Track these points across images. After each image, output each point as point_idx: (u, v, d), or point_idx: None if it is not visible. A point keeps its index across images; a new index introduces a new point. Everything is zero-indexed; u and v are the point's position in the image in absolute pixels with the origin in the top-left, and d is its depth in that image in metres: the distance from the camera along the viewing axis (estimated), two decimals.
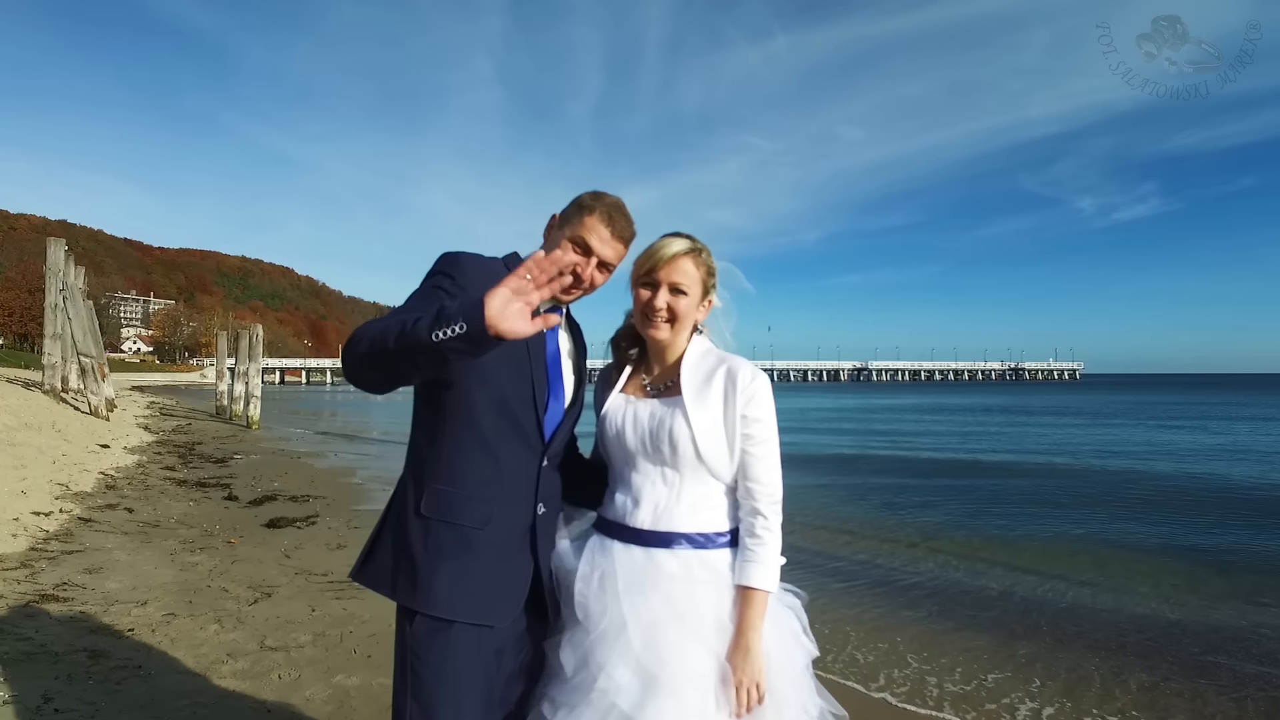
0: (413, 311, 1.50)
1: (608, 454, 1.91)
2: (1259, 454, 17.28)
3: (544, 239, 1.91)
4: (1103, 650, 5.01)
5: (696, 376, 1.82)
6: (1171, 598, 6.34)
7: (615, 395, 1.91)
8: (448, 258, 1.74)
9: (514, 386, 1.73)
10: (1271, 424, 28.62)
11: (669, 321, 1.81)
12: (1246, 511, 10.35)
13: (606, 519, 1.86)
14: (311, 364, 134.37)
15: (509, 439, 1.73)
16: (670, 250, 1.80)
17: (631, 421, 1.83)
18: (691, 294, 1.81)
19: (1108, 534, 8.94)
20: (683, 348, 1.87)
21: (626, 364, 1.97)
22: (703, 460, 1.76)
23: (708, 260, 1.86)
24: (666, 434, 1.76)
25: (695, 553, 1.75)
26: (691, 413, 1.76)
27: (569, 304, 1.89)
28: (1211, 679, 4.56)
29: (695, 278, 1.82)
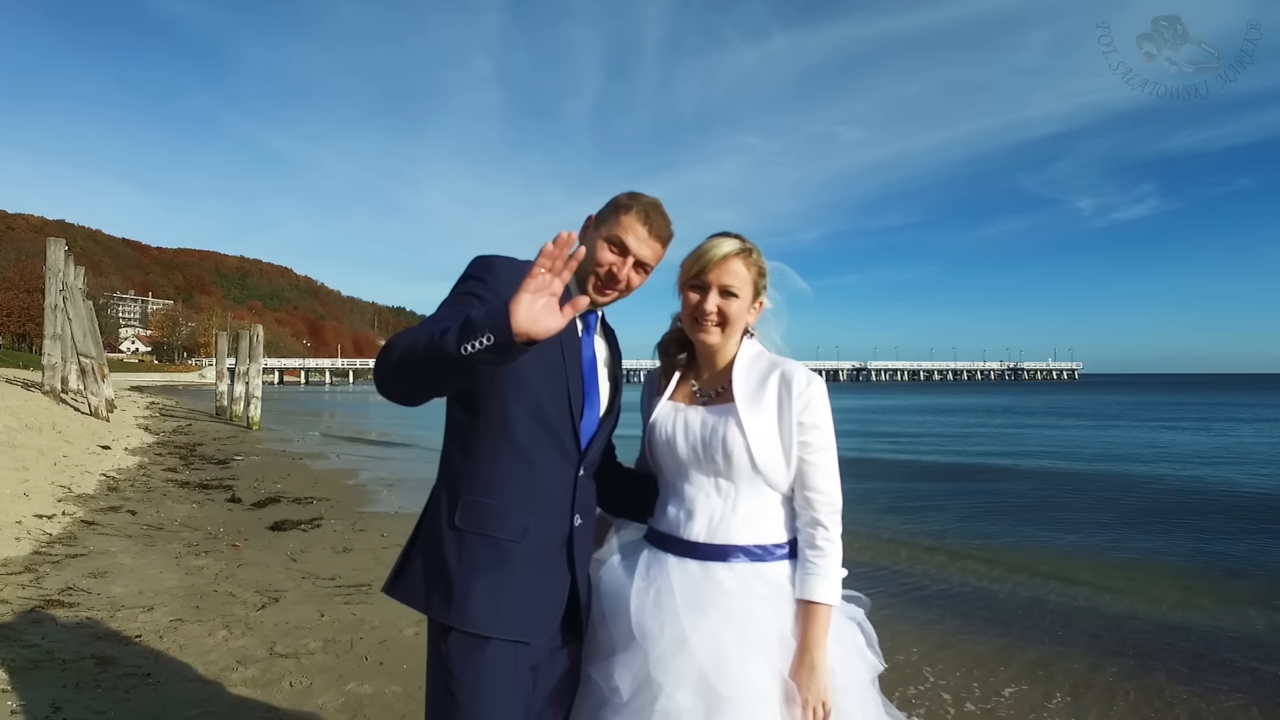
0: (443, 321, 1.45)
1: (657, 464, 1.84)
2: (1260, 459, 17.25)
3: (579, 241, 1.86)
4: (1121, 657, 4.96)
5: (749, 382, 1.76)
6: (1200, 608, 6.28)
7: (664, 403, 1.84)
8: (480, 261, 1.69)
9: (550, 393, 1.67)
10: (1273, 425, 28.59)
11: (719, 325, 1.75)
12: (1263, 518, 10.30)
13: (659, 531, 1.80)
14: (310, 364, 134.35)
15: (545, 448, 1.67)
16: (720, 251, 1.74)
17: (682, 430, 1.77)
18: (742, 296, 1.75)
19: (1127, 541, 8.88)
20: (733, 352, 1.81)
21: (675, 369, 1.90)
22: (758, 470, 1.70)
23: (758, 261, 1.79)
24: (719, 443, 1.70)
25: (753, 566, 1.69)
26: (745, 420, 1.70)
27: (605, 306, 1.83)
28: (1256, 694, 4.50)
29: (746, 279, 1.76)
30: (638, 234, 1.73)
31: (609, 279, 1.74)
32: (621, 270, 1.73)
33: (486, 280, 1.64)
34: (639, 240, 1.73)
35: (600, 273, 1.73)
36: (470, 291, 1.63)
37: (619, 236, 1.73)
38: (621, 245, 1.73)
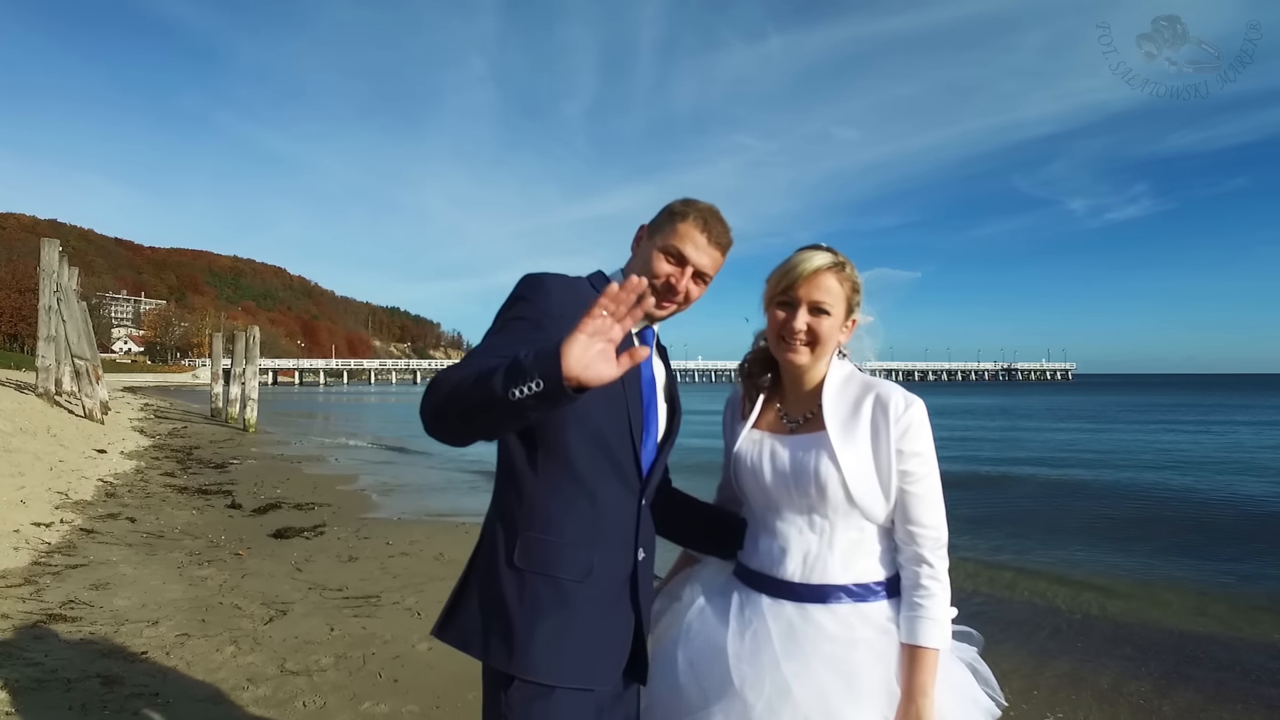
0: (491, 354, 1.36)
1: (744, 496, 1.72)
2: (1265, 466, 17.24)
3: (632, 251, 1.75)
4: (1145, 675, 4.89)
5: (841, 407, 1.62)
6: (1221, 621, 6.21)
7: (748, 430, 1.71)
8: (530, 281, 1.57)
9: (610, 421, 1.56)
10: (1272, 427, 28.66)
11: (808, 344, 1.62)
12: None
13: (750, 569, 1.68)
14: (304, 364, 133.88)
15: (607, 478, 1.57)
16: (810, 265, 1.61)
17: (769, 461, 1.64)
18: (834, 313, 1.61)
19: (1134, 553, 8.82)
20: (823, 373, 1.67)
21: (759, 393, 1.76)
22: (854, 503, 1.57)
23: (852, 275, 1.66)
24: (811, 476, 1.57)
25: (854, 607, 1.57)
26: (838, 450, 1.57)
27: (662, 320, 1.73)
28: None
29: (839, 295, 1.62)
30: (696, 242, 1.63)
31: (667, 291, 1.63)
32: (680, 281, 1.63)
33: (536, 302, 1.52)
34: (697, 248, 1.63)
35: (657, 285, 1.63)
36: (520, 315, 1.51)
37: (676, 246, 1.62)
38: (679, 255, 1.63)
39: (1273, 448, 19.85)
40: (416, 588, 5.77)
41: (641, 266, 1.66)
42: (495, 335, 1.51)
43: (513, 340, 1.42)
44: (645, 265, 1.65)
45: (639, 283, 1.20)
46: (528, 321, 1.49)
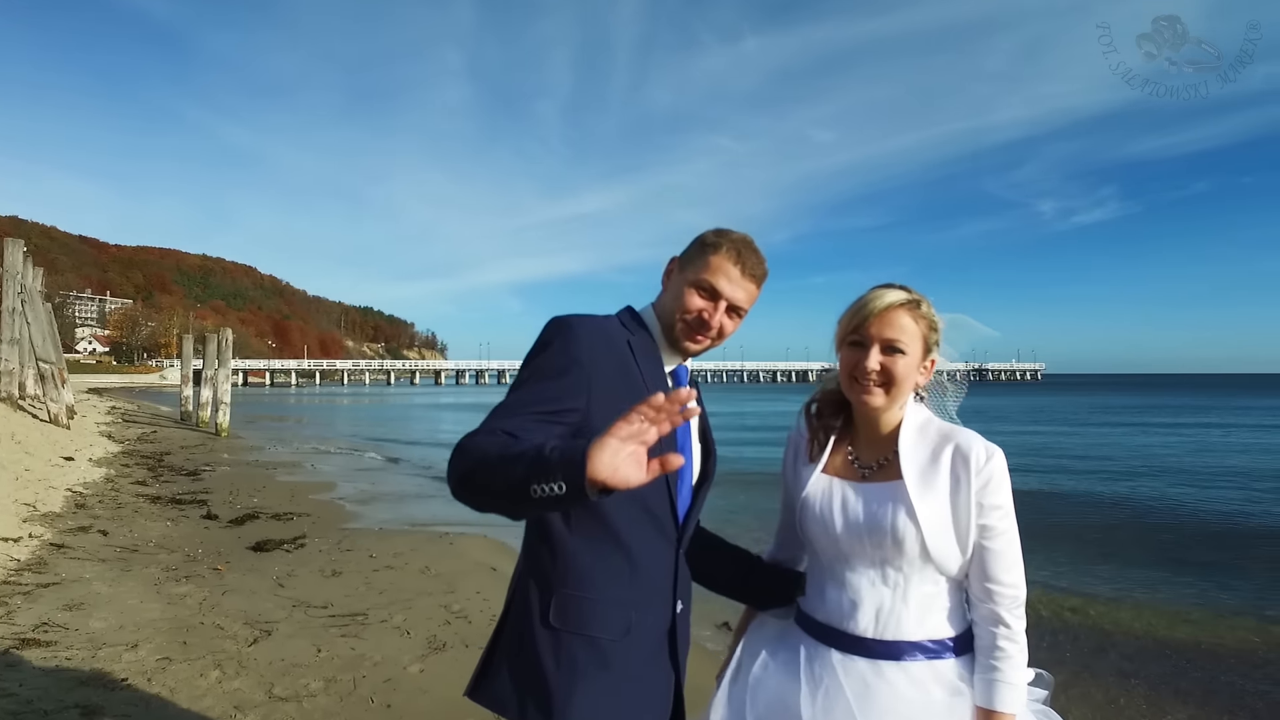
0: (521, 411, 1.34)
1: (811, 545, 1.65)
2: (1240, 473, 17.57)
3: (662, 285, 1.68)
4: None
5: (919, 455, 1.54)
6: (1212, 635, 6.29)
7: (817, 476, 1.62)
8: (557, 326, 1.49)
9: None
10: (1238, 429, 29.32)
11: (882, 385, 1.54)
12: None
13: (817, 621, 1.60)
14: (276, 365, 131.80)
15: (644, 530, 1.51)
16: (883, 302, 1.54)
17: (840, 510, 1.56)
18: (910, 353, 1.54)
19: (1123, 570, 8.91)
20: (898, 418, 1.59)
21: (828, 435, 1.67)
22: (930, 557, 1.50)
23: (929, 314, 1.58)
24: (888, 528, 1.50)
25: (928, 664, 1.50)
26: (916, 501, 1.49)
27: (696, 355, 1.66)
28: None
29: (914, 334, 1.55)
30: (729, 275, 1.57)
31: (700, 326, 1.57)
32: (714, 317, 1.57)
33: (565, 349, 1.45)
34: (731, 282, 1.57)
35: (690, 320, 1.57)
36: (548, 364, 1.44)
37: (709, 280, 1.56)
38: (712, 289, 1.57)
39: (1240, 450, 20.28)
40: (404, 604, 5.65)
41: (673, 300, 1.61)
42: (524, 389, 1.44)
43: (541, 395, 1.39)
44: (677, 299, 1.59)
45: (686, 394, 1.13)
46: (556, 372, 1.43)
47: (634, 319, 1.63)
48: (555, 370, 1.43)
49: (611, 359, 1.49)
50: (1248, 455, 18.79)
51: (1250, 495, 12.15)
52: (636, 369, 1.52)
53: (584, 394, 1.43)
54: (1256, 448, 20.49)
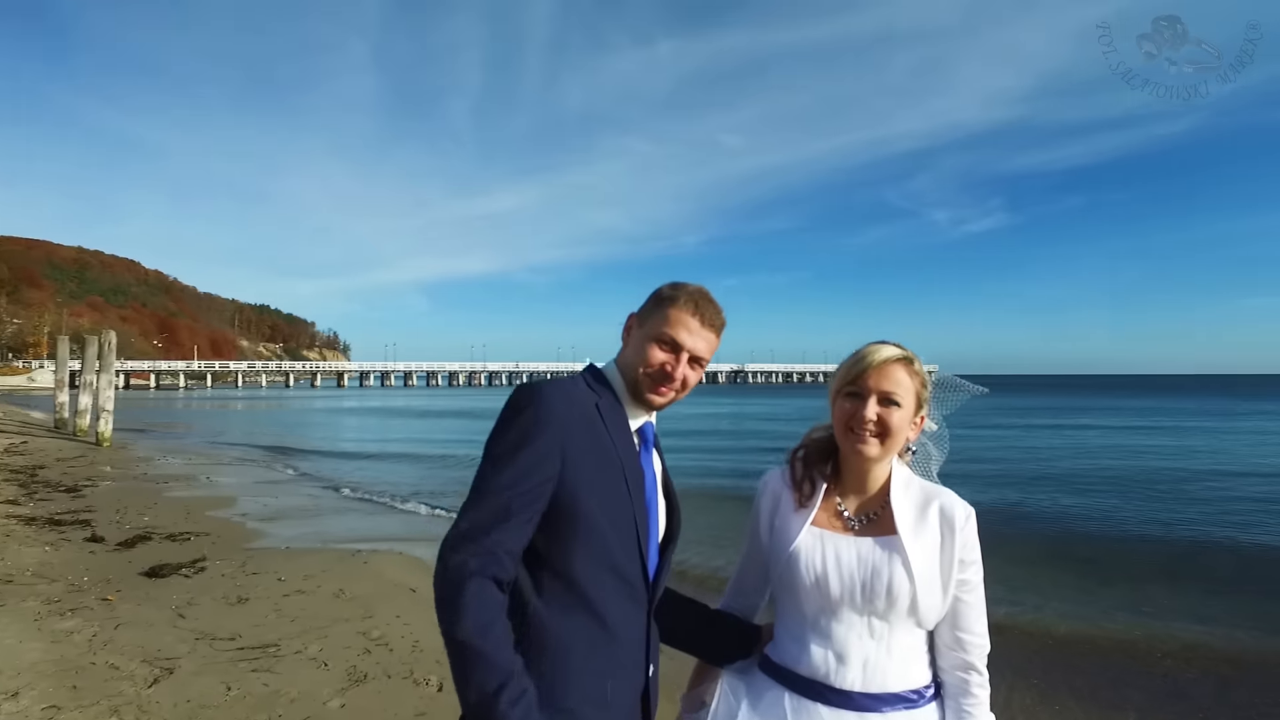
0: (502, 503, 1.41)
1: (795, 598, 1.63)
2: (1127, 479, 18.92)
3: (622, 341, 1.70)
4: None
5: (909, 510, 1.59)
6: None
7: (808, 529, 1.63)
8: (526, 397, 1.50)
9: (619, 540, 1.51)
10: (1117, 430, 31.66)
11: (878, 436, 1.58)
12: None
13: (798, 674, 1.60)
14: (162, 366, 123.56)
15: (616, 594, 1.51)
16: (881, 355, 1.59)
17: (834, 564, 1.57)
18: (904, 406, 1.59)
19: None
20: (886, 472, 1.64)
21: (813, 484, 1.68)
22: (917, 610, 1.54)
23: (921, 371, 1.64)
24: (884, 584, 1.53)
25: (907, 714, 1.55)
26: (912, 557, 1.53)
27: (660, 409, 1.67)
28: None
29: (908, 388, 1.60)
30: (689, 326, 1.59)
31: (663, 379, 1.59)
32: (677, 369, 1.59)
33: (536, 421, 1.47)
34: (691, 333, 1.59)
35: (653, 373, 1.59)
36: (521, 440, 1.46)
37: (669, 333, 1.58)
38: (673, 342, 1.58)
39: (1114, 448, 21.91)
40: (319, 632, 5.39)
41: (635, 356, 1.62)
42: (500, 467, 1.45)
43: (517, 475, 1.43)
44: (639, 354, 1.61)
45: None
46: (529, 444, 1.45)
47: (598, 379, 1.63)
48: (528, 442, 1.45)
49: (581, 424, 1.50)
50: (1119, 457, 20.31)
51: (1123, 501, 13.05)
52: (605, 432, 1.54)
53: (557, 462, 1.46)
54: (1126, 449, 22.14)
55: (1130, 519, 10.95)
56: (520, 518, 1.42)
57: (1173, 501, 12.22)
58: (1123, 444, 22.50)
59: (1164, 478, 14.84)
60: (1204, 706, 4.90)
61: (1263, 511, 11.15)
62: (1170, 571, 8.20)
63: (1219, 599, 7.19)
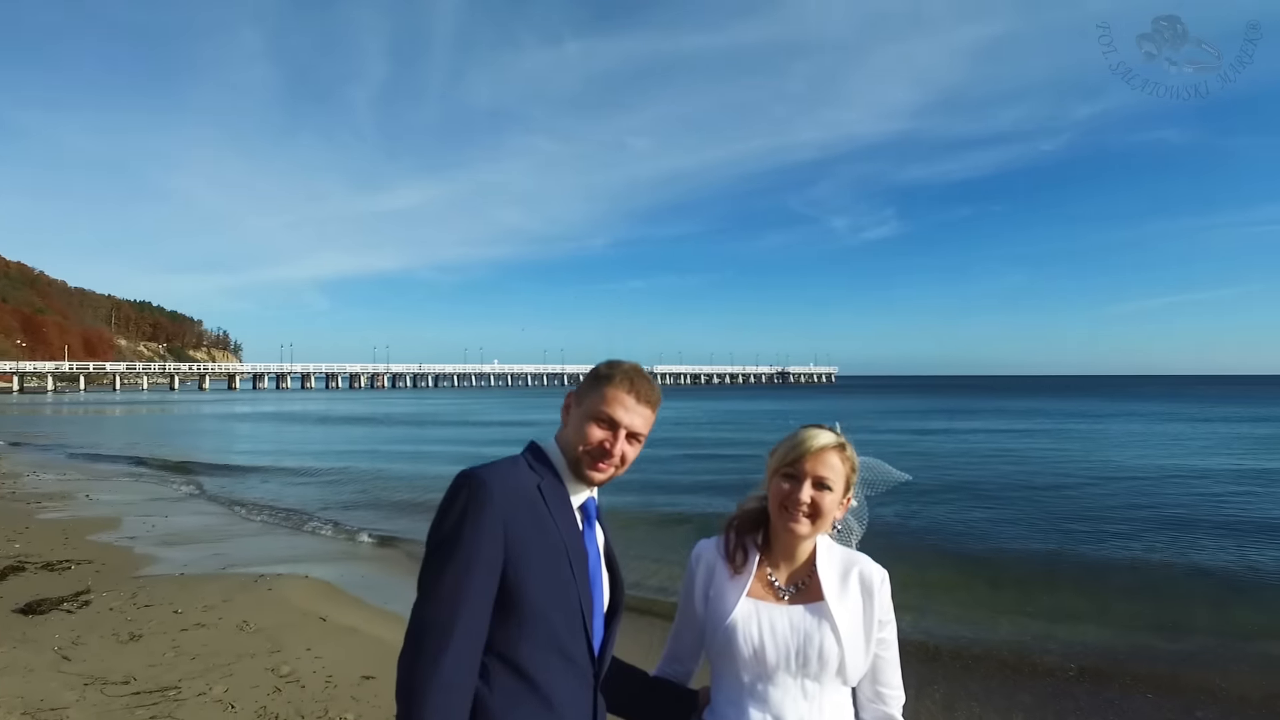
0: (453, 611, 1.45)
1: (733, 665, 1.72)
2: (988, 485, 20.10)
3: (562, 420, 1.76)
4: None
5: (833, 578, 1.73)
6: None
7: (744, 601, 1.73)
8: (469, 487, 1.54)
9: (565, 621, 1.57)
10: (1000, 433, 33.66)
11: (810, 516, 1.71)
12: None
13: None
14: (27, 367, 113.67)
15: (562, 674, 1.56)
16: (818, 442, 1.72)
17: (769, 633, 1.68)
18: (835, 490, 1.73)
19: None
20: (813, 545, 1.78)
21: (744, 554, 1.79)
22: (844, 670, 1.68)
23: (851, 457, 1.78)
24: (815, 648, 1.66)
25: None
26: (839, 623, 1.67)
27: (601, 485, 1.72)
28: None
29: (840, 473, 1.74)
30: (625, 404, 1.67)
31: (603, 455, 1.66)
32: (615, 446, 1.66)
33: (484, 512, 1.51)
34: (628, 410, 1.67)
35: (592, 450, 1.65)
36: (470, 536, 1.50)
37: (607, 411, 1.66)
38: (610, 420, 1.66)
39: (1000, 454, 23.33)
40: (223, 670, 5.13)
41: (575, 434, 1.68)
42: (446, 568, 1.49)
43: (465, 574, 1.47)
44: (578, 433, 1.67)
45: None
46: (473, 536, 1.50)
47: (539, 458, 1.68)
48: (470, 533, 1.49)
49: (522, 509, 1.55)
50: (1005, 462, 21.69)
51: (1008, 508, 13.92)
52: (548, 514, 1.59)
53: (500, 550, 1.50)
54: (1011, 455, 23.64)
55: (1013, 524, 11.57)
56: (474, 616, 1.47)
57: (1050, 506, 13.02)
58: (1008, 448, 23.74)
59: (1043, 483, 15.71)
60: (1083, 705, 5.33)
61: (1125, 518, 11.89)
62: (1051, 575, 8.76)
63: (1091, 600, 7.78)
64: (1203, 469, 18.13)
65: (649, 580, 8.16)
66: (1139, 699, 5.41)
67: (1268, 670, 5.88)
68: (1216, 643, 6.53)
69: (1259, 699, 5.43)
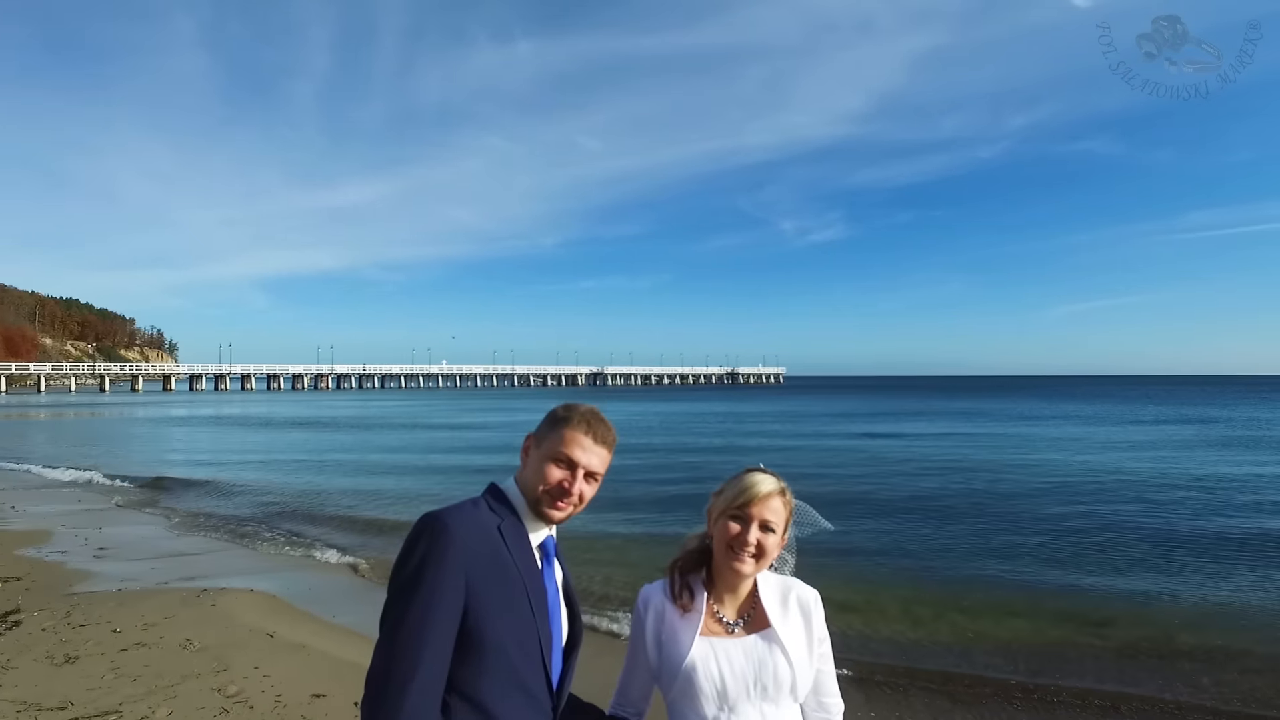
0: (420, 647, 1.49)
1: (693, 702, 1.80)
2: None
3: (521, 461, 1.83)
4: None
5: (775, 606, 1.87)
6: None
7: (699, 641, 1.82)
8: (431, 530, 1.59)
9: (524, 659, 1.63)
10: (941, 436, 34.59)
11: (755, 557, 1.83)
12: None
13: None
14: None
15: (522, 712, 1.63)
16: (765, 488, 1.84)
17: (728, 668, 1.79)
18: (778, 532, 1.86)
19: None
20: (754, 579, 1.90)
21: (690, 592, 1.89)
22: (795, 690, 1.81)
23: (790, 500, 1.91)
24: (770, 673, 1.78)
25: None
26: (789, 648, 1.80)
27: (560, 523, 1.80)
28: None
29: (782, 516, 1.87)
30: (583, 444, 1.75)
31: (561, 494, 1.73)
32: (573, 485, 1.73)
33: (446, 557, 1.56)
34: (585, 450, 1.75)
35: (551, 490, 1.73)
36: (434, 579, 1.55)
37: (565, 452, 1.73)
38: (569, 460, 1.73)
39: (941, 464, 23.99)
40: (166, 692, 5.00)
41: (534, 475, 1.75)
42: (408, 602, 1.53)
43: (428, 612, 1.52)
44: (537, 474, 1.74)
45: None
46: (434, 577, 1.54)
47: (499, 499, 1.74)
48: (432, 575, 1.54)
49: (484, 549, 1.61)
50: (944, 470, 22.32)
51: (949, 522, 14.31)
52: (508, 554, 1.65)
53: (462, 591, 1.55)
54: (952, 465, 24.32)
55: (951, 539, 11.54)
56: (436, 657, 1.52)
57: (995, 517, 12.92)
58: (950, 455, 23.85)
59: (987, 492, 15.46)
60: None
61: (1065, 528, 11.84)
62: (989, 590, 8.78)
63: (1029, 618, 7.61)
64: (1141, 477, 18.52)
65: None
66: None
67: (1212, 688, 5.81)
68: (1161, 661, 6.41)
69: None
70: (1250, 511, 13.31)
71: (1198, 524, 12.14)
